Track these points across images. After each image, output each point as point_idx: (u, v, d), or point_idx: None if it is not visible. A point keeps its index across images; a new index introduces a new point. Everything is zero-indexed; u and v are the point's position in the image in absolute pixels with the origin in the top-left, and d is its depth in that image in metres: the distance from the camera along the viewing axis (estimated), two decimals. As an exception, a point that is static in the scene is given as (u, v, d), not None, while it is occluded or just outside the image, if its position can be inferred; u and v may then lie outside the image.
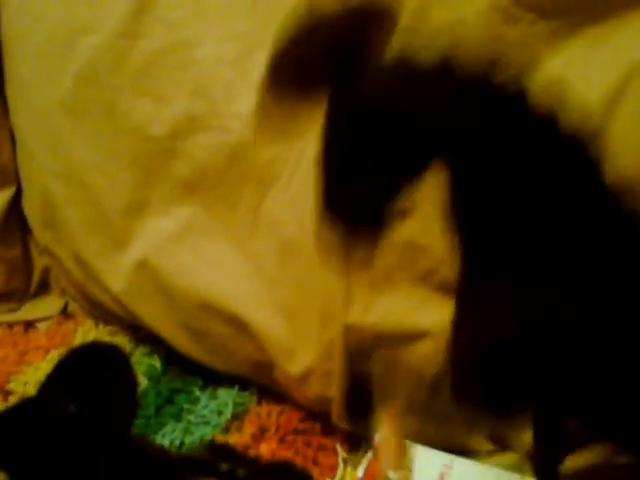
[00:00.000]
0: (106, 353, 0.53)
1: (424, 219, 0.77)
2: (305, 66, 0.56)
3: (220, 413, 1.16)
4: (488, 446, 0.98)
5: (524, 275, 0.58)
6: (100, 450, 0.51)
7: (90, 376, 0.51)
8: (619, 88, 0.82)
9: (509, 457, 0.96)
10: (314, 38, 0.55)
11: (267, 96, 0.57)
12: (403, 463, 0.85)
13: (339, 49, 0.56)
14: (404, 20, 0.63)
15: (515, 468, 0.90)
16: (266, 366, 1.13)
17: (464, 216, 0.61)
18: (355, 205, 0.63)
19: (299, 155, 1.02)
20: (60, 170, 1.25)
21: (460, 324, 0.64)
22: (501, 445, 0.97)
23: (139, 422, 1.05)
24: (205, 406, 1.18)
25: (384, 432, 0.85)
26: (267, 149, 1.04)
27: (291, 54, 0.55)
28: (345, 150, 0.60)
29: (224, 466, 0.54)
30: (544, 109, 0.57)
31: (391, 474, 0.82)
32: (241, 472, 0.53)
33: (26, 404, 0.51)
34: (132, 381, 0.54)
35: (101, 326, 1.38)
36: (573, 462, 0.81)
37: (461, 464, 0.91)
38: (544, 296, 0.57)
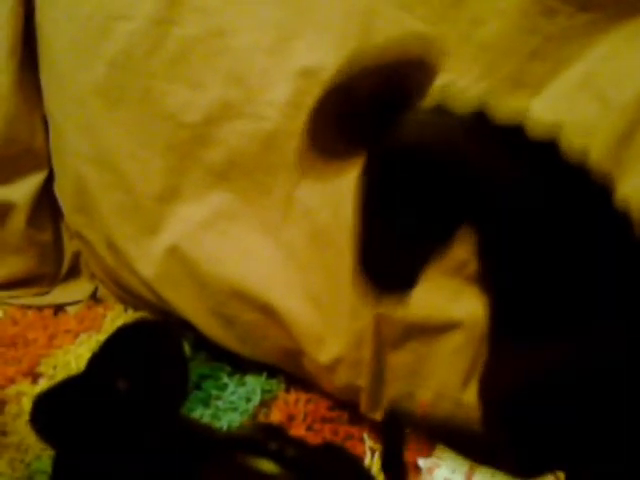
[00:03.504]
0: (157, 330, 0.53)
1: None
2: (346, 116, 0.56)
3: (248, 400, 1.16)
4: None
5: (554, 330, 0.57)
6: (150, 427, 0.51)
7: (140, 353, 0.51)
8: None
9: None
10: (356, 88, 0.55)
11: (307, 143, 0.57)
12: (433, 452, 0.85)
13: (380, 99, 0.56)
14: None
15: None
16: (295, 354, 1.13)
17: (495, 276, 0.59)
18: (388, 272, 0.63)
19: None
20: (93, 155, 1.25)
21: (490, 374, 0.64)
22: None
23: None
24: (233, 392, 1.18)
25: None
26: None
27: (333, 103, 0.55)
28: (380, 206, 0.59)
29: (273, 445, 0.54)
30: (577, 160, 0.55)
31: (421, 462, 0.83)
32: (290, 452, 0.53)
33: (74, 380, 0.52)
34: (183, 358, 0.54)
35: (130, 311, 1.39)
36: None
37: (482, 472, 0.90)
38: (572, 350, 0.56)
